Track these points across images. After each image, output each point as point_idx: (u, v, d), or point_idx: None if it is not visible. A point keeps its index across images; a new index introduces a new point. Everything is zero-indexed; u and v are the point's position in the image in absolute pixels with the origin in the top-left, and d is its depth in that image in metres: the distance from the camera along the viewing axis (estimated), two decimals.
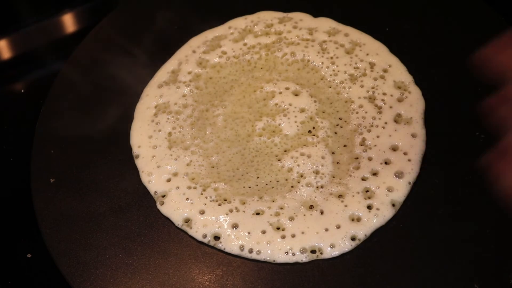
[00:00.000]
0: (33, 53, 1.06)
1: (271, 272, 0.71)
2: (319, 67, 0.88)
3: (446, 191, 0.74)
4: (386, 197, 0.74)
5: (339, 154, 0.79)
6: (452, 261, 0.69)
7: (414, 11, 0.93)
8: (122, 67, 0.92)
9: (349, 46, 0.90)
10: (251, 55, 0.91)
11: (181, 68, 0.90)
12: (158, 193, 0.78)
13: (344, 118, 0.83)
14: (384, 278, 0.69)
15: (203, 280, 0.71)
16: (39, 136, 0.85)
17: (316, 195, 0.75)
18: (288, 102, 0.84)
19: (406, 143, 0.79)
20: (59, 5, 1.09)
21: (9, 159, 0.90)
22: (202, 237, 0.74)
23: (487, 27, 0.89)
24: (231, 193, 0.77)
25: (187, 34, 0.94)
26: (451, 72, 0.85)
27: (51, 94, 0.90)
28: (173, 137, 0.83)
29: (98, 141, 0.84)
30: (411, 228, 0.72)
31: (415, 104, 0.82)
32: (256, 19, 0.95)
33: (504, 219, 0.71)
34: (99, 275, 0.72)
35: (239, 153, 0.81)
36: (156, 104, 0.87)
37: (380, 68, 0.87)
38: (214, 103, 0.86)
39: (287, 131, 0.82)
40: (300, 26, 0.93)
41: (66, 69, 0.93)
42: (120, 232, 0.75)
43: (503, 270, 0.68)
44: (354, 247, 0.71)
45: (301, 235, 0.72)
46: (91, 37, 0.96)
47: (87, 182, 0.80)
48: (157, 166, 0.80)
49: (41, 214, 0.77)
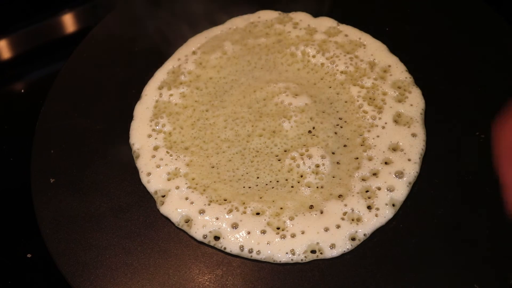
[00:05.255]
0: (33, 53, 1.06)
1: (271, 272, 0.71)
2: (319, 67, 0.88)
3: (446, 191, 0.74)
4: (386, 197, 0.74)
5: (339, 154, 0.79)
6: (452, 261, 0.69)
7: (415, 11, 0.93)
8: (122, 67, 0.92)
9: (349, 46, 0.90)
10: (251, 55, 0.91)
11: (181, 68, 0.90)
12: (158, 193, 0.78)
13: (344, 118, 0.82)
14: (384, 278, 0.69)
15: (203, 280, 0.71)
16: (39, 136, 0.85)
17: (316, 195, 0.75)
18: (288, 102, 0.84)
19: (406, 143, 0.78)
20: (59, 5, 1.09)
21: (9, 159, 0.90)
22: (202, 237, 0.74)
23: (487, 27, 0.89)
24: (231, 193, 0.77)
25: (187, 34, 0.94)
26: (451, 72, 0.85)
27: (51, 94, 0.90)
28: (173, 137, 0.83)
29: (98, 141, 0.84)
30: (411, 228, 0.72)
31: (415, 104, 0.82)
32: (256, 19, 0.95)
33: (504, 220, 0.71)
34: (99, 275, 0.72)
35: (239, 153, 0.81)
36: (156, 104, 0.87)
37: (380, 68, 0.87)
38: (214, 103, 0.86)
39: (287, 131, 0.82)
40: (300, 26, 0.93)
41: (66, 69, 0.93)
42: (120, 232, 0.75)
43: (503, 270, 0.68)
44: (354, 247, 0.71)
45: (301, 235, 0.72)
46: (91, 37, 0.96)
47: (87, 182, 0.80)
48: (157, 166, 0.80)
49: (41, 214, 0.77)
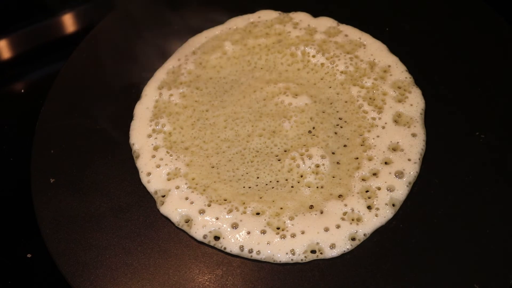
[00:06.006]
0: (33, 53, 1.06)
1: (271, 272, 0.71)
2: (319, 67, 0.88)
3: (446, 191, 0.74)
4: (386, 197, 0.74)
5: (339, 154, 0.79)
6: (452, 261, 0.69)
7: (414, 11, 0.93)
8: (122, 67, 0.92)
9: (349, 46, 0.90)
10: (251, 55, 0.91)
11: (181, 68, 0.90)
12: (158, 193, 0.78)
13: (344, 118, 0.82)
14: (384, 278, 0.69)
15: (203, 280, 0.71)
16: (39, 136, 0.85)
17: (316, 195, 0.75)
18: (288, 102, 0.84)
19: (406, 143, 0.78)
20: (59, 5, 1.09)
21: (9, 159, 0.90)
22: (202, 237, 0.74)
23: (487, 27, 0.89)
24: (231, 193, 0.77)
25: (187, 34, 0.94)
26: (451, 72, 0.85)
27: (51, 94, 0.90)
28: (173, 137, 0.83)
29: (98, 141, 0.84)
30: (411, 228, 0.72)
31: (415, 104, 0.82)
32: (256, 19, 0.95)
33: (504, 220, 0.71)
34: (99, 275, 0.72)
35: (239, 153, 0.81)
36: (156, 104, 0.87)
37: (380, 68, 0.87)
38: (214, 103, 0.86)
39: (287, 131, 0.82)
40: (300, 26, 0.93)
41: (66, 69, 0.93)
42: (120, 232, 0.75)
43: (503, 270, 0.68)
44: (354, 247, 0.71)
45: (301, 235, 0.72)
46: (91, 37, 0.96)
47: (87, 182, 0.80)
48: (157, 166, 0.80)
49: (41, 214, 0.77)
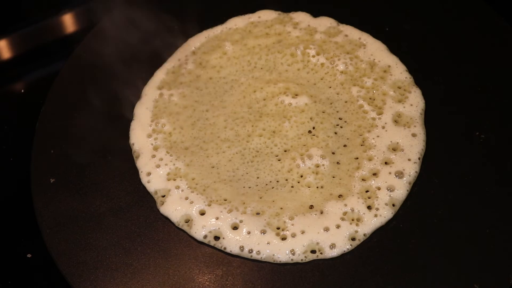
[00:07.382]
0: (33, 53, 1.06)
1: (271, 272, 0.71)
2: (319, 67, 0.88)
3: (446, 191, 0.74)
4: (386, 197, 0.74)
5: (339, 154, 0.79)
6: (452, 261, 0.69)
7: (414, 10, 0.93)
8: (122, 67, 0.92)
9: (349, 46, 0.90)
10: (251, 55, 0.91)
11: (181, 68, 0.90)
12: (158, 193, 0.78)
13: (344, 118, 0.82)
14: (384, 278, 0.69)
15: (203, 280, 0.71)
16: (39, 136, 0.85)
17: (316, 195, 0.75)
18: (288, 102, 0.84)
19: (406, 143, 0.78)
20: (59, 5, 1.09)
21: (9, 159, 0.90)
22: (202, 237, 0.74)
23: (487, 27, 0.89)
24: (231, 193, 0.77)
25: (187, 34, 0.94)
26: (451, 72, 0.85)
27: (51, 94, 0.90)
28: (173, 137, 0.83)
29: (98, 141, 0.84)
30: (411, 228, 0.72)
31: (415, 104, 0.82)
32: (256, 19, 0.95)
33: (504, 220, 0.71)
34: (99, 275, 0.72)
35: (239, 153, 0.81)
36: (156, 104, 0.87)
37: (380, 68, 0.86)
38: (214, 103, 0.86)
39: (287, 131, 0.82)
40: (300, 26, 0.93)
41: (66, 69, 0.93)
42: (120, 232, 0.75)
43: (503, 270, 0.68)
44: (354, 247, 0.71)
45: (301, 235, 0.72)
46: (91, 37, 0.96)
47: (87, 182, 0.80)
48: (157, 166, 0.80)
49: (41, 214, 0.77)
